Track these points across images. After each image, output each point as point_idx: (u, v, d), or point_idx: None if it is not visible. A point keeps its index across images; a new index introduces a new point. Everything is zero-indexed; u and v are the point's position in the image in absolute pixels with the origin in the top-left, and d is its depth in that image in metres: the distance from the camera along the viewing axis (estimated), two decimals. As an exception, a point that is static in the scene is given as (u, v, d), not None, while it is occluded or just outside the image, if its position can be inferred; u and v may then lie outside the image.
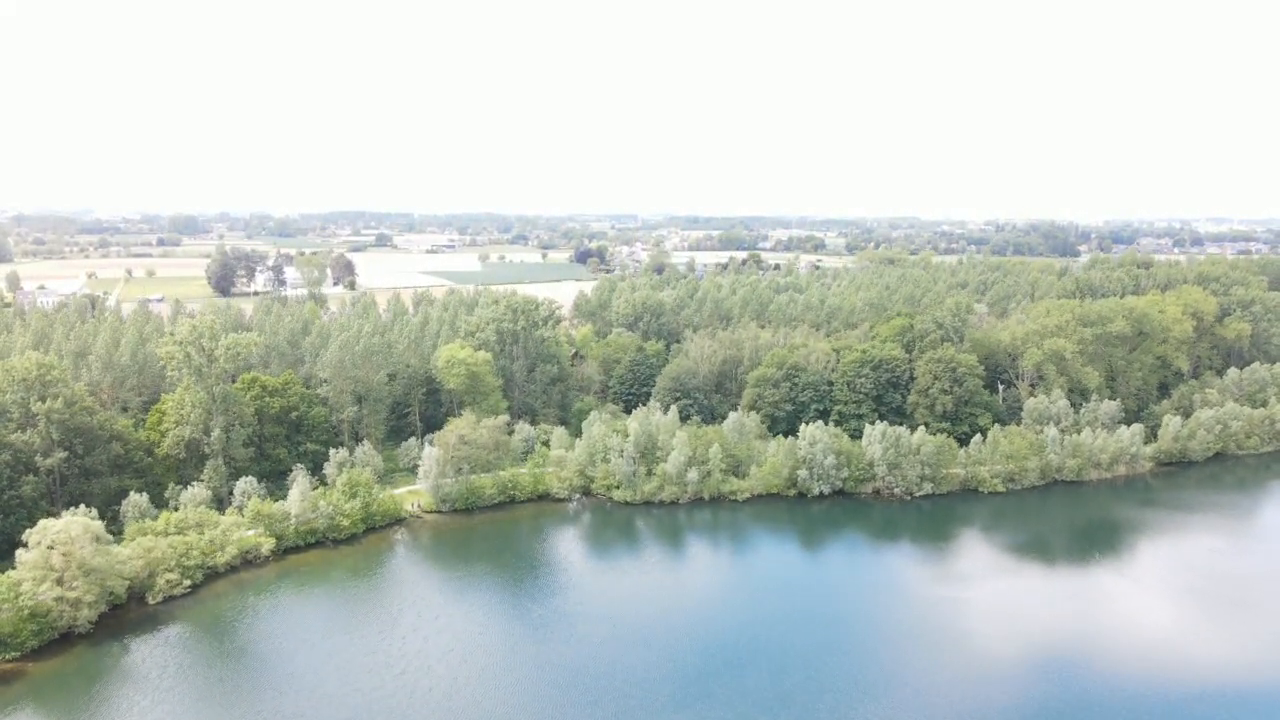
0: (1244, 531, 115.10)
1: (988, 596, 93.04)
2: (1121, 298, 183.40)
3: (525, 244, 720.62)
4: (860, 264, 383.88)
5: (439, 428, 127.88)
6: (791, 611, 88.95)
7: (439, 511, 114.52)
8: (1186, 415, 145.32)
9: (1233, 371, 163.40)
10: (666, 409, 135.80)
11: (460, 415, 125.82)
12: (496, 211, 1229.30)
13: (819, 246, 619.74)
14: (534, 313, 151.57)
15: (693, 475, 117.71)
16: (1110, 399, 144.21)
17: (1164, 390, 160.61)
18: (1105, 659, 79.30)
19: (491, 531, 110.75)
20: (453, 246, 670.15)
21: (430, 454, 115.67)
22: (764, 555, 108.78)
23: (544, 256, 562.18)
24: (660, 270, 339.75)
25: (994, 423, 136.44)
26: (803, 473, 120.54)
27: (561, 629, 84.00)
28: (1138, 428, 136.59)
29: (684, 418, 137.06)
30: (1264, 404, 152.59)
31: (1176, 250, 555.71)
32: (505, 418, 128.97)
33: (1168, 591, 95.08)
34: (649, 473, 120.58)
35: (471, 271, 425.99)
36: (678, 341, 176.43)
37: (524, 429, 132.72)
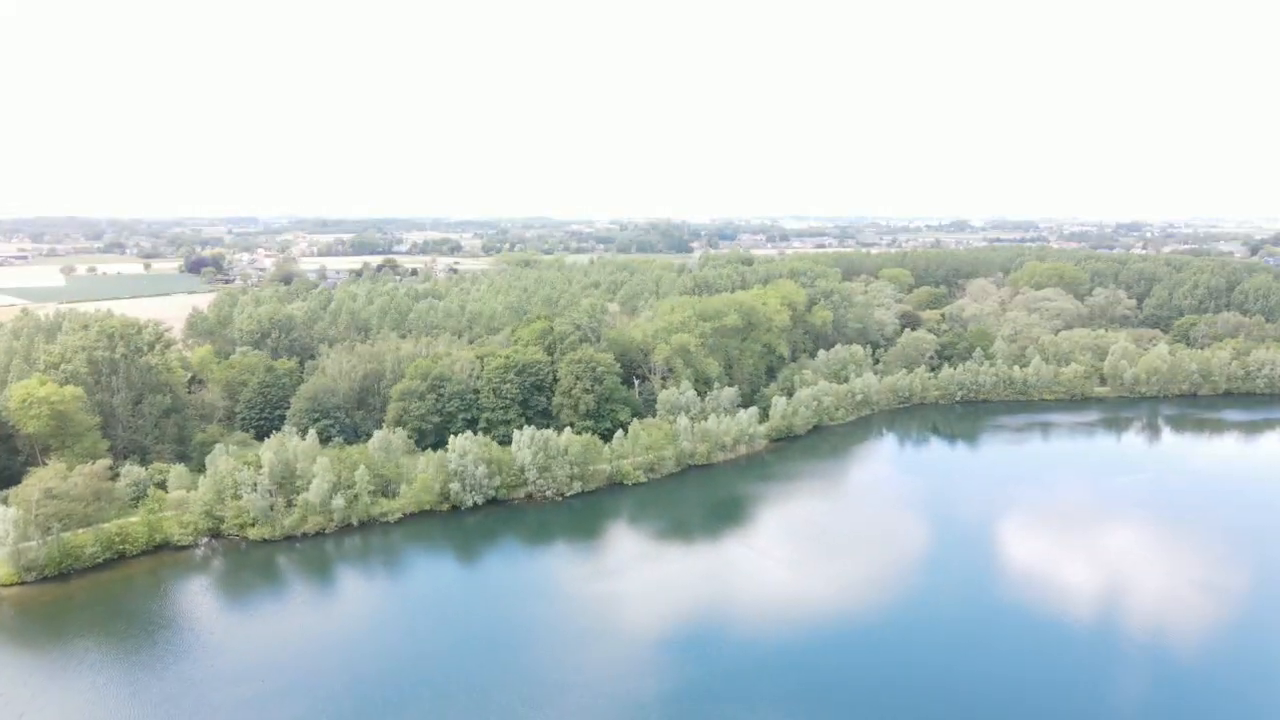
0: (838, 494, 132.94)
1: (636, 585, 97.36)
2: (732, 293, 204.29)
3: (122, 253, 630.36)
4: (498, 266, 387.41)
5: (17, 481, 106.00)
6: (452, 632, 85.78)
7: (23, 583, 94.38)
8: (790, 395, 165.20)
9: (822, 353, 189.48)
10: (305, 432, 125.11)
11: (46, 464, 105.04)
12: (82, 215, 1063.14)
13: (456, 249, 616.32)
14: (136, 337, 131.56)
15: (339, 501, 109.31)
16: (729, 386, 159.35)
17: (771, 374, 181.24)
18: (739, 626, 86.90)
19: (96, 597, 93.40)
20: (25, 258, 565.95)
21: (6, 516, 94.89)
22: (420, 577, 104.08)
23: (147, 267, 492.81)
24: (288, 280, 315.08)
25: (633, 417, 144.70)
26: (455, 485, 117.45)
27: (190, 700, 72.66)
28: (753, 410, 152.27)
29: (325, 440, 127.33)
30: (846, 380, 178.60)
31: (770, 245, 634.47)
32: (106, 461, 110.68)
33: (783, 553, 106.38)
34: (289, 504, 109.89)
35: (51, 288, 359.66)
36: (312, 358, 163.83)
37: (133, 471, 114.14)
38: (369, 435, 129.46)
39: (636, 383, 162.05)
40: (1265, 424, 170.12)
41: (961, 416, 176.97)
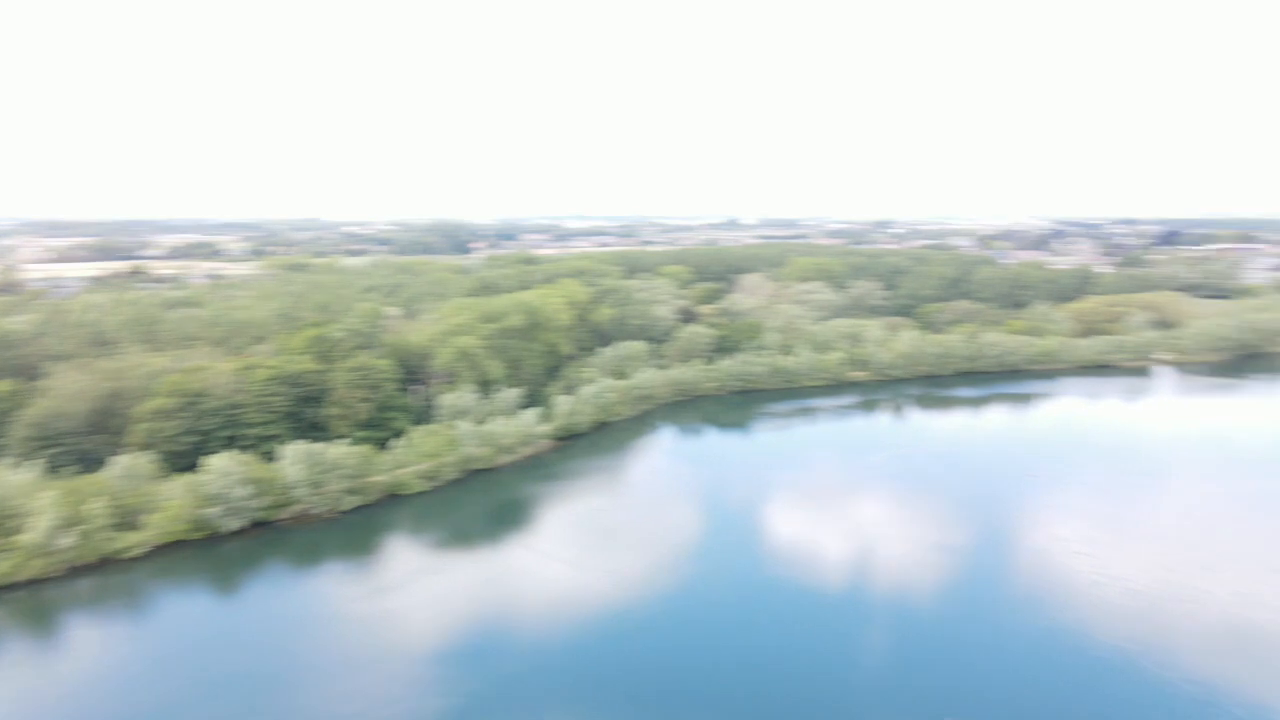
0: (619, 488, 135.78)
1: (415, 600, 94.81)
2: (515, 293, 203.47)
3: None
4: (267, 270, 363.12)
5: None
6: (203, 676, 78.62)
7: None
8: (573, 393, 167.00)
9: (605, 350, 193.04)
10: (27, 463, 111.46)
11: None
12: None
13: (217, 253, 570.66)
14: None
15: (69, 540, 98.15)
16: (513, 387, 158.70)
17: (555, 373, 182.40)
18: (522, 630, 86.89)
19: None
20: None
21: None
22: (167, 617, 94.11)
23: None
24: (11, 290, 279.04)
25: (413, 424, 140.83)
26: (213, 510, 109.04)
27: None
28: (537, 410, 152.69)
29: (55, 470, 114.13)
30: (628, 375, 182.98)
31: (553, 245, 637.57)
32: None
33: (565, 552, 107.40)
34: (4, 548, 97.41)
35: None
36: (38, 378, 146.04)
37: None
38: (110, 462, 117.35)
39: (417, 388, 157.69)
40: (993, 398, 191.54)
41: (736, 406, 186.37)
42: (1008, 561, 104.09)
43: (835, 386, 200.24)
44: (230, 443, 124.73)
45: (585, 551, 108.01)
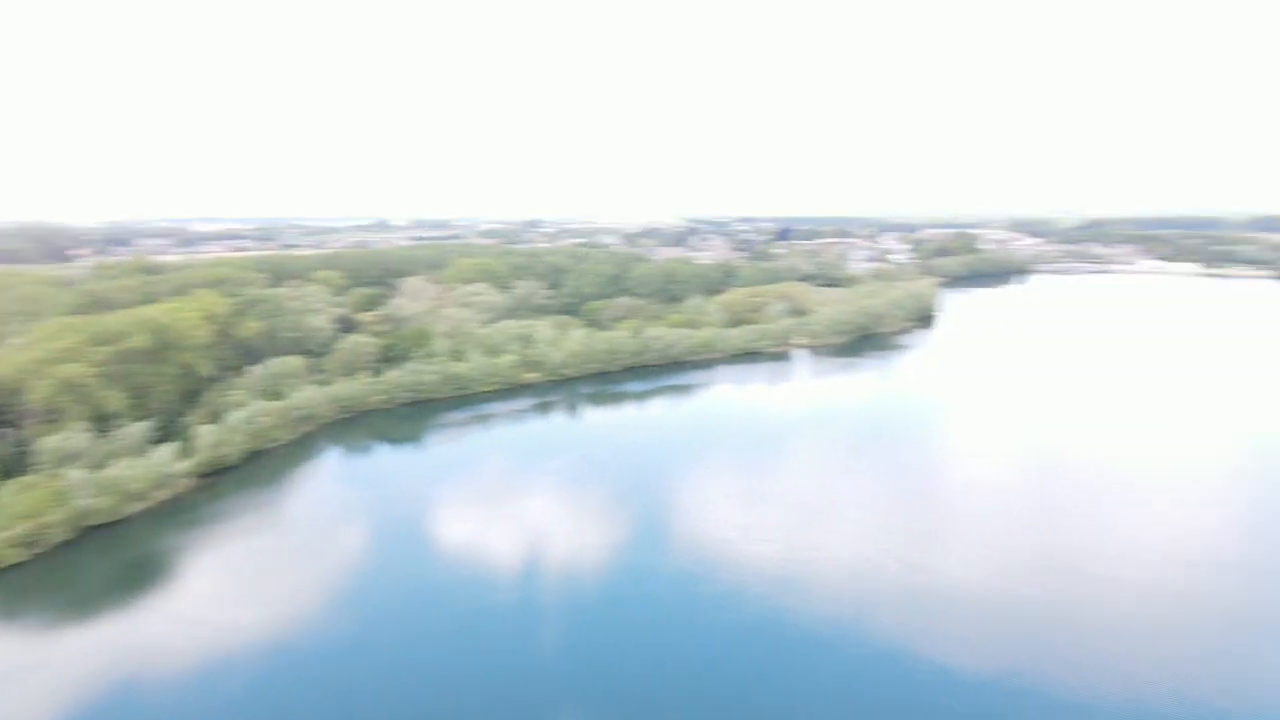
0: (280, 525, 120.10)
1: (7, 705, 75.21)
2: (138, 308, 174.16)
3: None
4: None
5: None
6: None
7: None
8: (218, 421, 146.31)
9: (254, 369, 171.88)
10: None
11: None
12: None
13: None
14: None
15: None
16: (140, 420, 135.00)
17: (194, 399, 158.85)
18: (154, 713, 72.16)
19: None
20: None
21: None
22: None
23: None
24: None
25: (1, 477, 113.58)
26: None
27: None
28: (173, 445, 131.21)
29: None
30: (284, 395, 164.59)
31: (179, 251, 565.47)
32: None
33: (213, 611, 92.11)
34: None
35: None
36: None
37: None
38: None
39: (3, 432, 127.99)
40: (660, 390, 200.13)
41: (407, 418, 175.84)
42: (672, 544, 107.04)
43: (510, 390, 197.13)
44: None
45: (237, 604, 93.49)
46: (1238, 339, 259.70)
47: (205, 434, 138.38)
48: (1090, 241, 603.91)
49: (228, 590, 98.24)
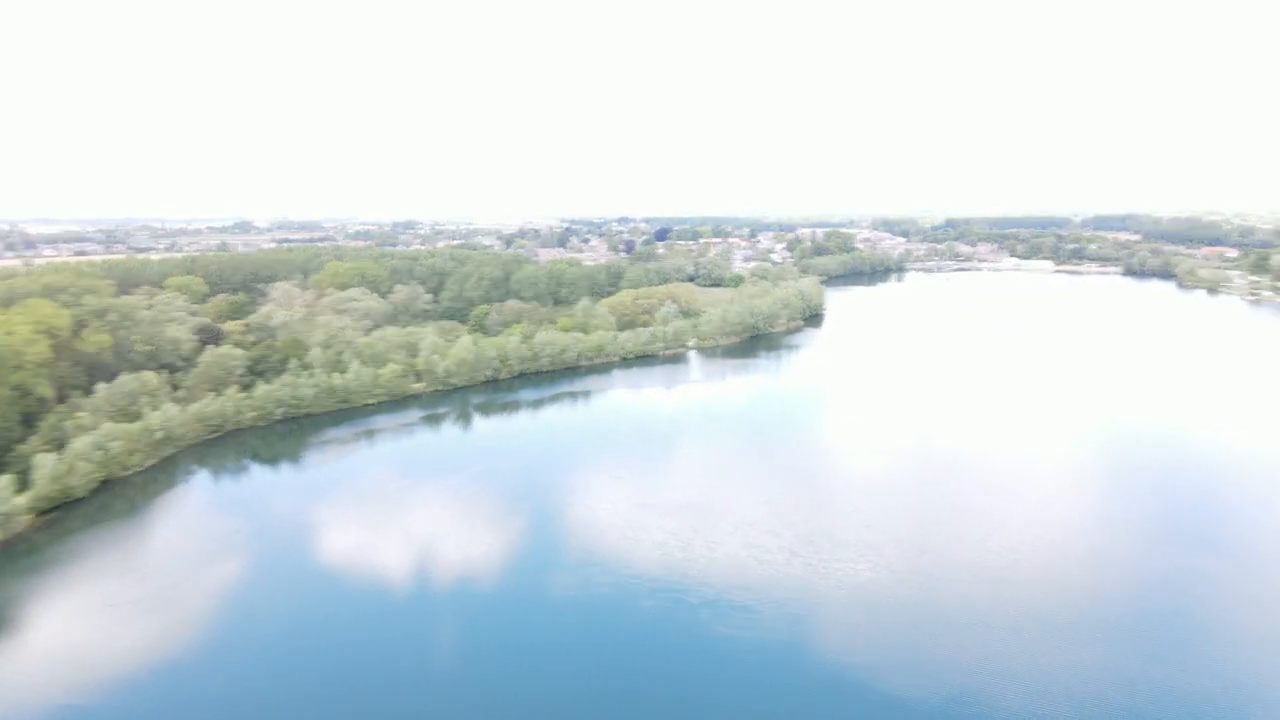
0: (140, 563, 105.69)
1: None
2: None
3: None
4: None
5: None
6: None
7: None
8: (61, 447, 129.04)
9: (103, 387, 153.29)
10: None
11: None
12: None
13: None
14: None
15: None
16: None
17: (31, 424, 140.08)
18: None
19: None
20: None
21: None
22: None
23: None
24: None
25: None
26: None
27: None
28: (7, 478, 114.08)
29: None
30: (139, 416, 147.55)
31: (10, 255, 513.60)
32: None
33: (52, 674, 78.77)
34: None
35: None
36: None
37: None
38: None
39: None
40: (554, 397, 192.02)
41: (284, 436, 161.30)
42: (566, 551, 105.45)
43: (396, 402, 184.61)
44: None
45: (82, 670, 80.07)
46: (1096, 333, 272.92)
47: (45, 464, 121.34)
48: (953, 240, 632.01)
49: (70, 651, 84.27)
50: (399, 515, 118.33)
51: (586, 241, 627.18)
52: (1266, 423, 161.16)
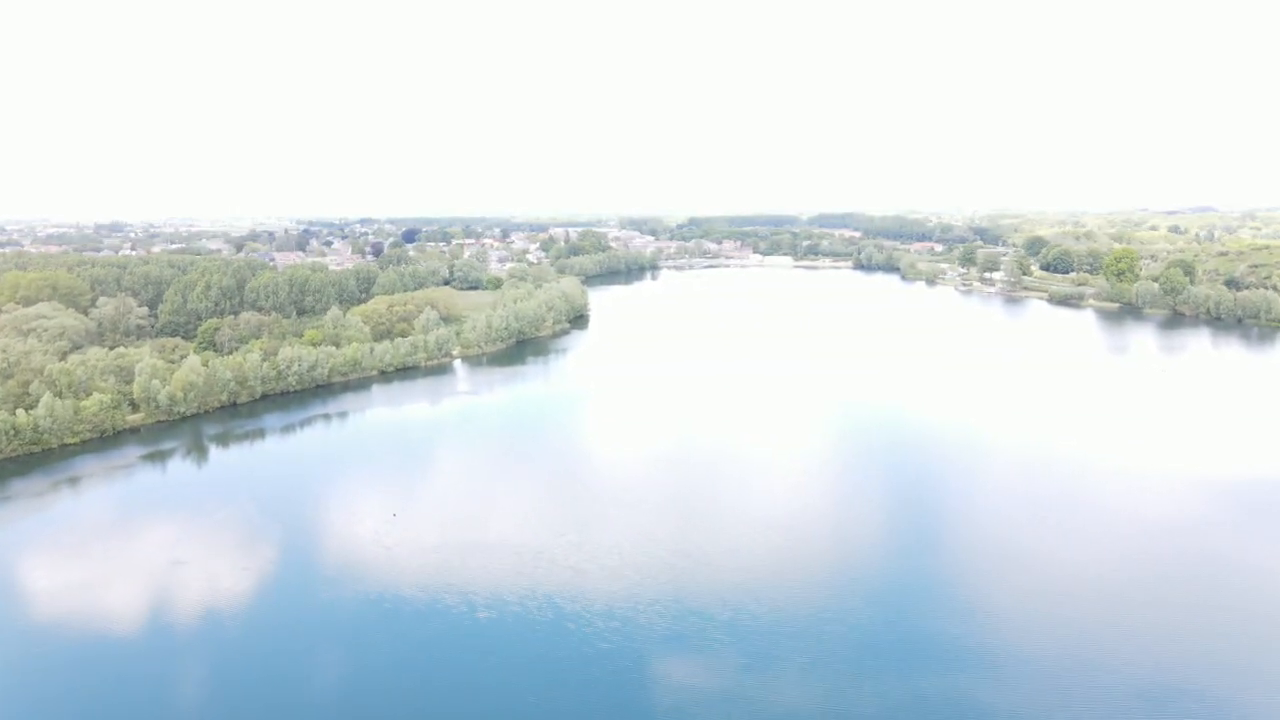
0: None
1: None
2: None
3: None
4: None
5: None
6: None
7: None
8: None
9: None
10: None
11: None
12: None
13: None
14: None
15: None
16: None
17: None
18: None
19: None
20: None
21: None
22: None
23: None
24: None
25: None
26: None
27: None
28: None
29: None
30: None
31: None
32: None
33: None
34: None
35: None
36: None
37: None
38: None
39: None
40: (302, 423, 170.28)
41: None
42: (323, 575, 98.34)
43: (106, 439, 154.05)
44: None
45: None
46: (837, 330, 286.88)
47: None
48: (699, 238, 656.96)
49: None
50: (113, 585, 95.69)
51: (329, 244, 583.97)
52: (973, 402, 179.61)
